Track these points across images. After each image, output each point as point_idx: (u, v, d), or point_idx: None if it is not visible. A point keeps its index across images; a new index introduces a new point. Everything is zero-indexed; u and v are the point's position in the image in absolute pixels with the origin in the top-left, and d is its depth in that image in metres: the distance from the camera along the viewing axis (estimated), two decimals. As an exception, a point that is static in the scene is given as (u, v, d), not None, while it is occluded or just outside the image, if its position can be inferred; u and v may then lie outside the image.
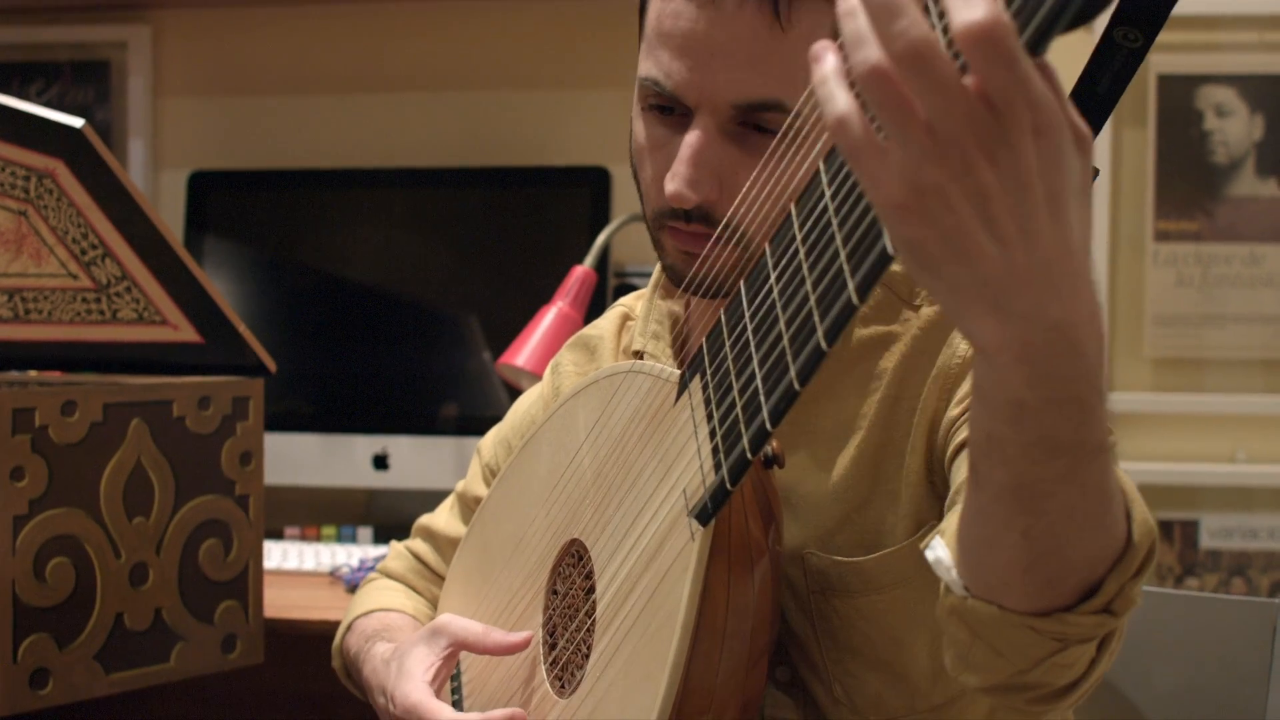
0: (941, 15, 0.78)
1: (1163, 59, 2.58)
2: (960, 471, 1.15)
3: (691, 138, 1.21)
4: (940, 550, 1.00)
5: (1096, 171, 1.04)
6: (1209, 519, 2.61)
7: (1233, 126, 2.60)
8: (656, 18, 1.22)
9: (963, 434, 1.16)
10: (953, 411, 1.19)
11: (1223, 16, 2.59)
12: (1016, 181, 0.74)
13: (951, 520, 1.01)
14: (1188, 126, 2.60)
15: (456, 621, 1.33)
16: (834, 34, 1.14)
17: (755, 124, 1.20)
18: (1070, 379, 0.82)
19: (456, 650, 1.33)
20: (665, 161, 1.23)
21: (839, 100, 0.76)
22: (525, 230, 2.62)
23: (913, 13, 0.72)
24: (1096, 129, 1.02)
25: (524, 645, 1.28)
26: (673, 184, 1.21)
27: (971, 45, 0.72)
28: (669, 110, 1.24)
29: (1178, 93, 2.60)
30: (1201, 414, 2.62)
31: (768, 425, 1.00)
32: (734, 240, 1.21)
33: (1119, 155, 2.62)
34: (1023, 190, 0.75)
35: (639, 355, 1.41)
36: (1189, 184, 2.61)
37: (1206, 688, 1.69)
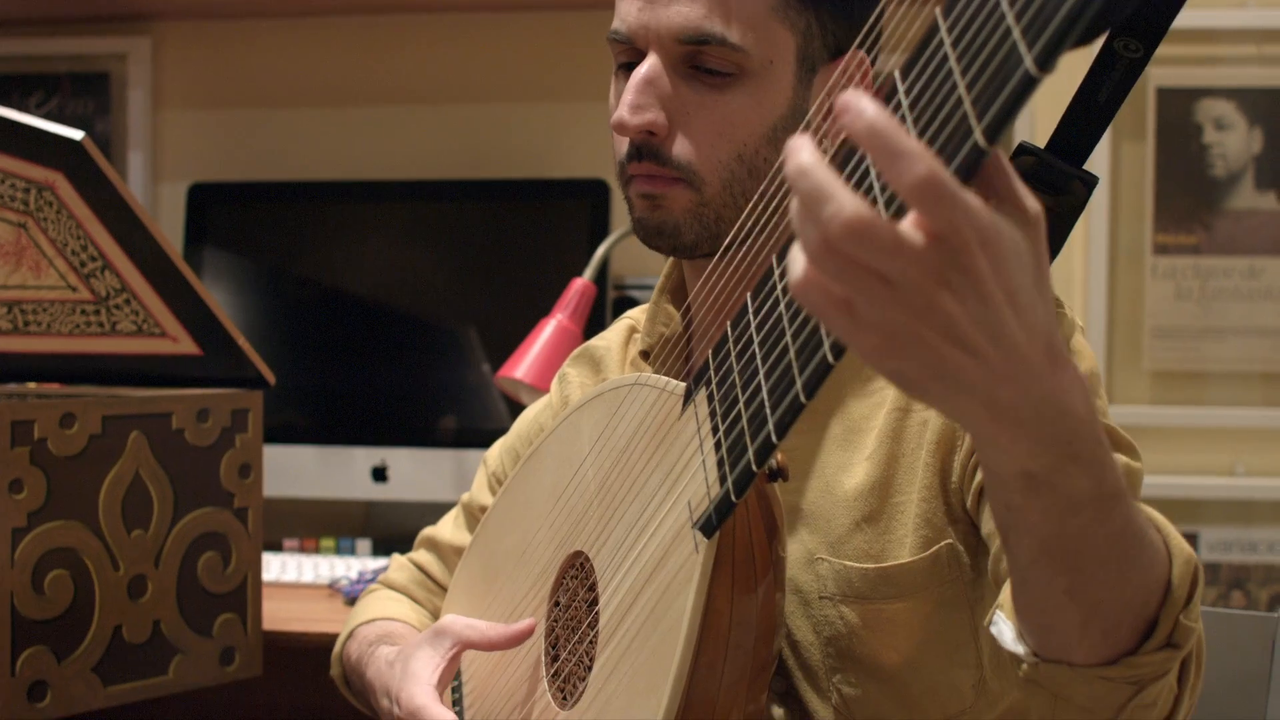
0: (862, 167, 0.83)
1: (1162, 72, 2.59)
2: (989, 515, 1.17)
3: (640, 69, 1.27)
4: (1003, 625, 1.03)
5: (1097, 180, 1.05)
6: (1208, 532, 2.61)
7: (1232, 140, 2.60)
8: None
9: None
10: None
11: (1222, 30, 2.59)
12: (977, 298, 0.78)
13: (1007, 593, 1.04)
14: (1187, 140, 2.61)
15: (459, 621, 1.34)
16: None
17: (703, 65, 1.26)
18: (1067, 439, 0.85)
19: (461, 651, 1.33)
20: None
21: (797, 266, 0.79)
22: (524, 243, 2.62)
23: (839, 194, 0.76)
24: (1095, 139, 1.02)
25: (528, 633, 1.28)
26: (617, 112, 1.28)
27: (919, 198, 0.75)
28: (634, 67, 1.29)
29: (1177, 106, 2.61)
30: (1200, 427, 2.62)
31: (774, 438, 1.00)
32: (687, 181, 1.27)
33: (1118, 168, 2.63)
34: (984, 303, 0.78)
35: (645, 354, 1.41)
36: (1188, 197, 2.61)
37: (1205, 701, 1.68)
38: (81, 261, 1.84)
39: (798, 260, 0.79)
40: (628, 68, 1.31)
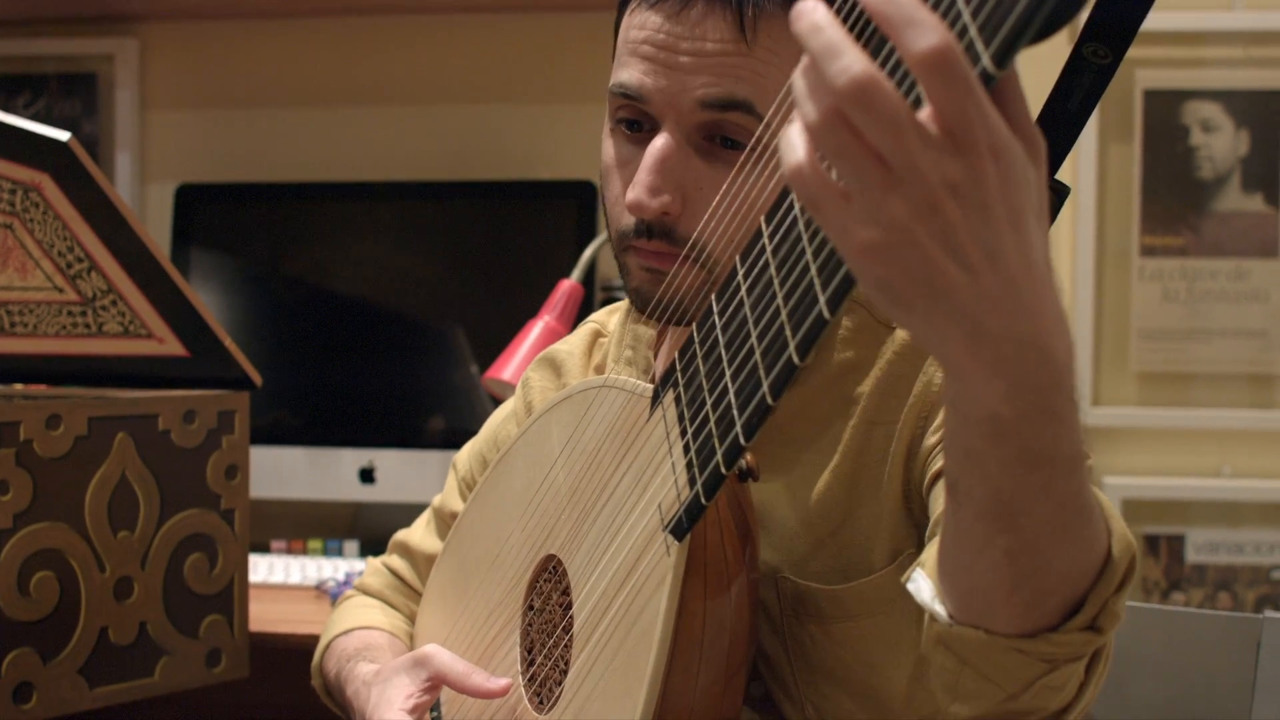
0: (894, 59, 0.79)
1: (1149, 74, 2.59)
2: (938, 501, 1.15)
3: (656, 145, 1.21)
4: (921, 581, 1.00)
5: (1068, 190, 1.05)
6: (1195, 533, 2.61)
7: (1218, 142, 2.60)
8: (626, 29, 1.24)
9: (939, 462, 1.16)
10: (930, 440, 1.19)
11: (1209, 32, 2.59)
12: (979, 207, 0.75)
13: (931, 551, 1.01)
14: (1174, 142, 2.61)
15: (440, 656, 1.31)
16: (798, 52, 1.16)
17: (721, 135, 1.20)
18: (1044, 389, 0.82)
19: (437, 684, 1.32)
20: (630, 178, 1.23)
21: (796, 151, 0.77)
22: (512, 244, 2.62)
23: (851, 52, 0.73)
24: (1068, 146, 1.02)
25: (503, 693, 1.26)
26: (633, 191, 1.21)
27: (927, 71, 0.72)
28: (637, 126, 1.24)
29: (1164, 108, 2.61)
30: (1187, 429, 2.63)
31: (742, 440, 0.99)
32: (697, 260, 1.21)
33: (1105, 170, 2.63)
34: (985, 214, 0.75)
35: None
36: (1175, 199, 2.62)
37: (1190, 703, 1.69)
38: (68, 263, 1.84)
39: (796, 143, 0.76)
40: (628, 124, 1.25)
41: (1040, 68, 0.96)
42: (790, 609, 1.24)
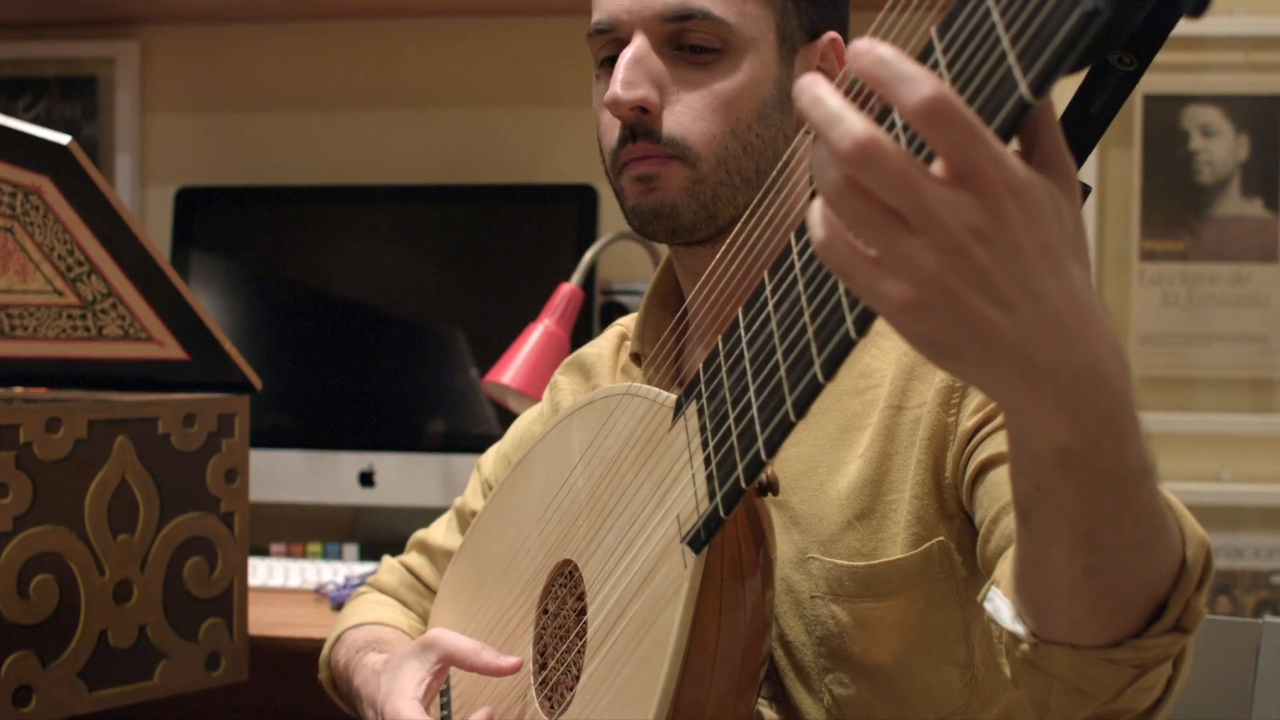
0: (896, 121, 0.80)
1: (1149, 79, 2.57)
2: (988, 498, 1.16)
3: (628, 50, 1.29)
4: (999, 601, 1.00)
5: (1088, 189, 1.05)
6: (1194, 538, 2.61)
7: (1218, 146, 2.61)
8: None
9: (986, 451, 1.18)
10: (967, 423, 1.20)
11: (1209, 37, 2.60)
12: (1009, 248, 0.75)
13: (1004, 569, 1.01)
14: (1174, 146, 2.61)
15: (448, 636, 1.33)
16: None
17: (688, 44, 1.28)
18: (1106, 414, 0.82)
19: (447, 665, 1.33)
20: None
21: (820, 226, 0.77)
22: (512, 248, 2.62)
23: (851, 117, 0.73)
24: (1088, 150, 1.02)
25: (514, 669, 1.27)
26: (610, 89, 1.28)
27: (925, 121, 0.72)
28: (615, 61, 1.30)
29: (1164, 113, 2.61)
30: (1187, 433, 2.63)
31: (763, 456, 1.00)
32: (681, 158, 1.28)
33: (1105, 174, 2.63)
34: (1016, 254, 0.75)
35: (636, 358, 1.41)
36: (1175, 203, 2.62)
37: (1189, 707, 1.69)
38: (68, 266, 1.84)
39: (819, 219, 0.77)
40: (610, 62, 1.32)
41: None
42: (818, 589, 1.25)
